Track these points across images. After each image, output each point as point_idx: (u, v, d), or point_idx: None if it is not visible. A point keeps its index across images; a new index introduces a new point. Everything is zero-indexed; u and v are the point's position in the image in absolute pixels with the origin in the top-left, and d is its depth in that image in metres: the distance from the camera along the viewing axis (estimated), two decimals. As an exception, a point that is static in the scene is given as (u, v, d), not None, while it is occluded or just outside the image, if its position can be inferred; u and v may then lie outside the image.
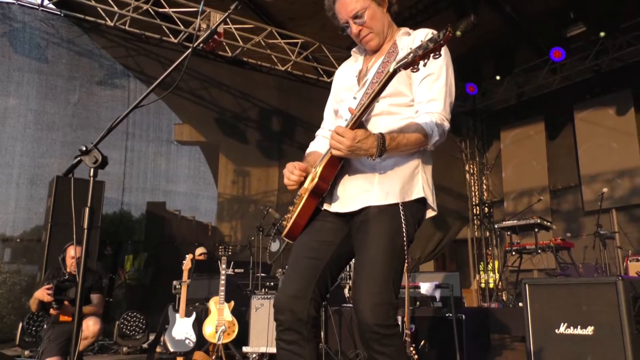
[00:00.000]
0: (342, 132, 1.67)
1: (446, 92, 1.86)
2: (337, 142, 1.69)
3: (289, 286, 1.81)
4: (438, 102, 1.84)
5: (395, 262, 1.76)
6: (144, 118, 7.40)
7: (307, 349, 1.76)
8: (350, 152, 1.69)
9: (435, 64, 1.86)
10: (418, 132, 1.77)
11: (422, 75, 1.86)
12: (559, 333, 3.55)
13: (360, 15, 1.93)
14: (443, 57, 1.86)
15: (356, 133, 1.67)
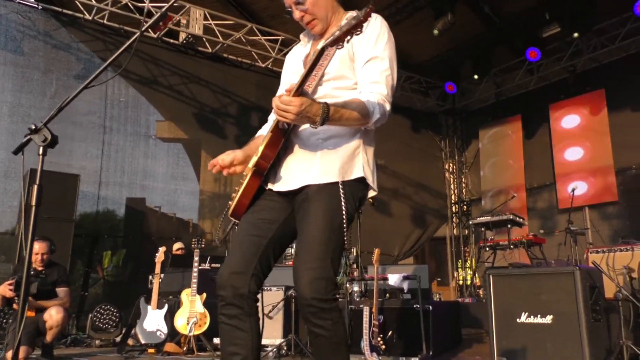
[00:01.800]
0: (288, 100, 1.70)
1: (388, 75, 1.90)
2: (283, 110, 1.70)
3: (231, 262, 1.86)
4: (380, 85, 1.88)
5: (334, 239, 1.81)
6: (122, 112, 7.38)
7: (248, 323, 1.81)
8: (299, 118, 1.71)
9: (379, 48, 1.91)
10: (360, 108, 1.80)
11: (365, 58, 1.90)
12: (520, 322, 3.65)
13: (302, 2, 1.97)
14: (386, 42, 1.92)
15: (302, 99, 1.70)
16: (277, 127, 1.86)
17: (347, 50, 1.92)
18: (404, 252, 10.28)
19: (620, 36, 8.10)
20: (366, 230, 9.53)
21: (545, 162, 9.44)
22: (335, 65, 1.92)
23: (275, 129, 1.86)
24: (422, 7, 8.22)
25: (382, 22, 1.98)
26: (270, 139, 1.86)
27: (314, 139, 1.91)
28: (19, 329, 1.67)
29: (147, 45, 7.81)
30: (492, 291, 3.83)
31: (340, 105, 1.78)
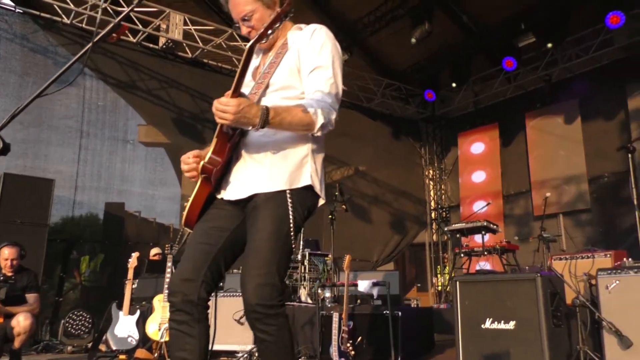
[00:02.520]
0: (226, 101, 1.72)
1: (332, 83, 1.94)
2: (221, 111, 1.73)
3: (182, 270, 1.90)
4: (324, 93, 1.91)
5: (280, 247, 1.85)
6: (100, 117, 7.36)
7: (197, 329, 1.84)
8: (236, 119, 1.73)
9: (323, 57, 1.95)
10: (303, 113, 1.82)
11: (310, 67, 1.95)
12: (485, 328, 3.72)
13: (248, 18, 2.01)
14: (330, 50, 1.97)
15: (240, 100, 1.72)
16: (222, 132, 1.88)
17: (295, 60, 1.97)
18: (383, 258, 10.36)
19: (593, 47, 8.29)
20: (345, 236, 9.62)
21: (522, 169, 9.59)
22: (281, 75, 1.97)
23: (219, 133, 1.89)
24: (401, 17, 8.34)
25: (326, 32, 2.03)
26: (216, 144, 1.89)
27: (263, 148, 1.94)
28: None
29: (126, 50, 7.81)
30: (458, 297, 3.90)
31: (282, 110, 1.81)
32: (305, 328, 4.65)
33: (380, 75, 10.34)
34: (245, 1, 2.00)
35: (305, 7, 8.84)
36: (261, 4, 2.00)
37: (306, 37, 1.99)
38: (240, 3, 2.00)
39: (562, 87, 9.02)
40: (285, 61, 1.99)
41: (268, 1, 2.01)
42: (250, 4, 2.00)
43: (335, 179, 10.10)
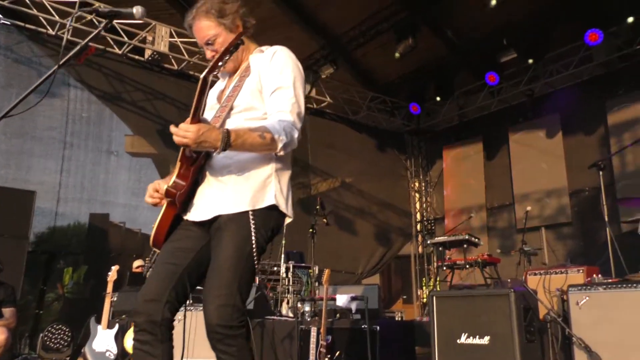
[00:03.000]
0: (186, 127, 1.77)
1: (294, 103, 2.00)
2: (182, 136, 1.78)
3: (147, 290, 1.93)
4: (286, 112, 1.97)
5: (242, 268, 1.88)
6: (83, 128, 7.35)
7: (160, 349, 1.88)
8: (197, 144, 1.78)
9: (284, 77, 2.02)
10: (265, 133, 1.87)
11: (271, 88, 2.01)
12: (460, 343, 3.76)
13: (212, 42, 2.08)
14: (292, 71, 2.03)
15: (199, 125, 1.77)
16: (185, 156, 1.93)
17: (256, 82, 2.02)
18: (368, 270, 10.38)
19: (573, 63, 8.44)
20: (330, 248, 9.66)
21: (505, 182, 9.70)
22: (244, 97, 2.02)
23: (182, 157, 1.93)
24: (385, 30, 8.44)
25: (287, 53, 2.09)
26: (180, 168, 1.93)
27: (226, 169, 1.98)
28: None
29: (111, 62, 7.82)
30: (435, 312, 3.94)
31: (243, 132, 1.84)
32: (285, 342, 4.66)
33: (366, 88, 10.44)
34: (207, 26, 2.06)
35: (291, 22, 8.93)
36: (224, 28, 2.06)
37: (267, 59, 2.05)
38: (203, 28, 2.06)
39: (543, 101, 9.16)
40: (247, 84, 2.04)
41: (230, 25, 2.07)
42: (213, 29, 2.06)
43: (322, 190, 10.14)
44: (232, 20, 2.09)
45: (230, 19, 2.09)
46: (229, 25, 2.08)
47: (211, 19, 2.07)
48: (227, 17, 2.08)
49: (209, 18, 2.07)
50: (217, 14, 2.07)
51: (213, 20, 2.07)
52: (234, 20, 2.10)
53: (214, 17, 2.07)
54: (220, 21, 2.07)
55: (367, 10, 8.55)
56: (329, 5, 8.66)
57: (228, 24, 2.08)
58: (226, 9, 2.09)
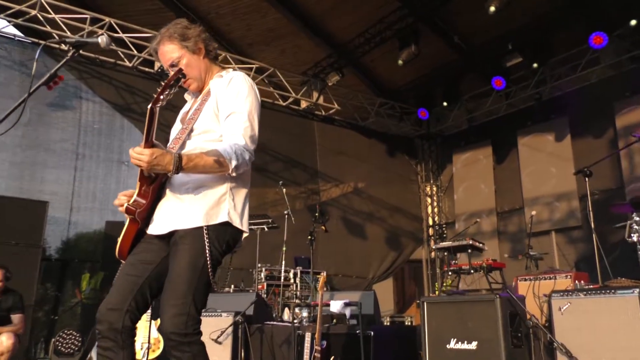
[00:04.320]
0: (140, 151, 1.92)
1: (247, 127, 2.12)
2: (137, 159, 1.92)
3: (109, 300, 2.07)
4: (238, 136, 2.09)
5: (196, 279, 2.00)
6: (95, 139, 7.59)
7: (121, 355, 2.01)
8: (150, 167, 1.92)
9: (238, 103, 2.14)
10: (217, 156, 2.00)
11: (226, 113, 2.14)
12: (450, 348, 3.81)
13: (176, 64, 2.22)
14: (246, 96, 2.15)
15: (153, 150, 1.91)
16: (144, 176, 2.07)
17: (214, 106, 2.14)
18: (379, 274, 10.43)
19: (580, 66, 8.38)
20: (341, 254, 9.75)
21: (515, 186, 9.65)
22: (203, 121, 2.15)
23: (141, 177, 2.07)
24: (390, 38, 8.51)
25: (243, 78, 2.22)
26: (140, 187, 2.08)
27: (184, 187, 2.11)
28: None
29: (122, 74, 8.07)
30: (425, 317, 4.00)
31: (195, 156, 1.98)
32: (283, 347, 4.76)
33: (374, 94, 10.52)
34: (171, 49, 2.20)
35: (298, 31, 9.07)
36: (186, 51, 2.19)
37: (224, 84, 2.17)
38: (167, 51, 2.21)
39: (552, 105, 9.11)
40: (206, 108, 2.17)
41: (193, 47, 2.20)
42: (176, 52, 2.20)
43: (331, 197, 10.24)
44: (194, 43, 2.23)
45: (192, 42, 2.23)
46: (191, 47, 2.21)
47: (174, 42, 2.21)
48: (190, 40, 2.22)
49: (172, 42, 2.21)
50: (179, 38, 2.21)
51: (176, 43, 2.21)
52: (197, 43, 2.24)
53: (177, 40, 2.21)
54: (183, 44, 2.21)
55: (373, 17, 8.64)
56: (335, 13, 8.77)
57: (191, 47, 2.22)
58: (188, 34, 2.23)
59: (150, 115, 1.93)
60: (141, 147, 1.93)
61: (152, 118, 1.94)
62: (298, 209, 9.70)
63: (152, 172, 2.01)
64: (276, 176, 8.96)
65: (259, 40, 9.51)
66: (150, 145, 1.94)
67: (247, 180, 2.23)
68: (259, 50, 9.69)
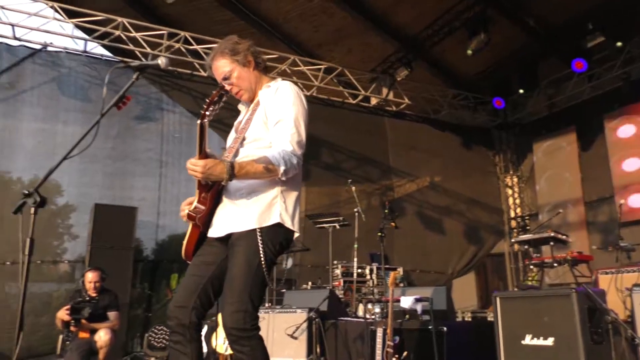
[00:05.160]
0: (194, 162, 2.09)
1: (293, 133, 2.23)
2: (192, 170, 2.10)
3: (177, 298, 2.25)
4: (286, 142, 2.22)
5: (252, 278, 2.13)
6: (176, 147, 8.09)
7: (189, 348, 2.18)
8: (205, 176, 2.09)
9: (284, 111, 2.26)
10: (266, 162, 2.14)
11: (274, 121, 2.27)
12: (525, 344, 3.70)
13: (228, 77, 2.37)
14: (292, 104, 2.26)
15: (206, 161, 2.07)
16: (201, 184, 2.23)
17: (262, 116, 2.26)
18: (459, 269, 10.21)
19: (672, 40, 7.73)
20: (418, 249, 9.67)
21: (604, 174, 9.06)
22: (254, 130, 2.28)
23: (199, 185, 2.24)
24: (458, 28, 8.31)
25: (289, 87, 2.33)
26: (199, 194, 2.25)
27: (238, 192, 2.26)
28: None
29: (198, 84, 8.51)
30: (499, 313, 3.91)
31: (246, 163, 2.12)
32: (357, 343, 4.83)
33: (446, 85, 10.30)
34: (223, 64, 2.36)
35: (366, 29, 9.08)
36: (237, 64, 2.35)
37: (271, 94, 2.30)
38: (220, 66, 2.38)
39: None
40: (256, 117, 2.31)
41: (243, 61, 2.35)
42: (227, 66, 2.36)
43: (405, 192, 10.16)
44: (244, 57, 2.38)
45: (242, 55, 2.38)
46: (241, 61, 2.36)
47: (226, 57, 2.37)
48: (240, 55, 2.37)
49: (224, 56, 2.38)
50: (230, 53, 2.37)
51: (228, 58, 2.37)
52: (246, 57, 2.38)
53: (228, 55, 2.37)
54: (233, 58, 2.37)
55: (439, 8, 8.48)
56: (400, 8, 8.69)
57: (241, 60, 2.37)
58: (238, 48, 2.38)
59: (200, 129, 2.09)
60: (196, 158, 2.09)
61: (202, 132, 2.10)
62: (374, 205, 9.73)
63: (208, 181, 2.16)
64: (349, 174, 9.03)
65: (326, 41, 9.63)
66: (205, 156, 2.10)
67: (297, 183, 2.35)
68: (328, 51, 9.81)
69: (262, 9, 8.92)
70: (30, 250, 2.11)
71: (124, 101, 2.37)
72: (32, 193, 2.12)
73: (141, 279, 8.18)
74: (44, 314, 6.85)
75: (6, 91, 7.18)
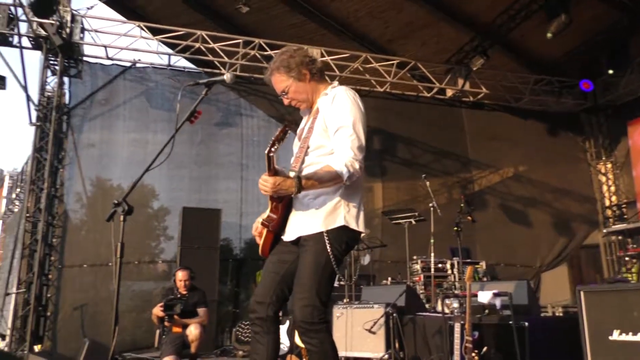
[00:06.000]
0: (265, 179, 2.26)
1: (353, 138, 2.33)
2: (263, 187, 2.27)
3: (256, 293, 2.46)
4: (347, 148, 2.31)
5: (319, 275, 2.29)
6: (256, 150, 8.46)
7: (266, 339, 2.38)
8: (275, 192, 2.25)
9: (343, 117, 2.35)
10: (330, 171, 2.28)
11: (334, 129, 2.37)
12: (613, 340, 3.52)
13: (286, 92, 2.52)
14: (349, 110, 2.34)
15: (275, 178, 2.23)
16: (272, 197, 2.40)
17: (322, 124, 2.37)
18: (548, 262, 9.76)
19: None
20: (502, 242, 9.37)
21: None
22: (315, 138, 2.43)
23: (271, 197, 2.41)
24: (535, 12, 7.94)
25: (345, 92, 2.43)
26: (271, 205, 2.44)
27: (306, 199, 2.42)
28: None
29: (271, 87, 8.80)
30: (583, 307, 3.74)
31: (311, 175, 2.27)
32: (436, 338, 4.80)
33: (527, 71, 9.87)
34: (280, 80, 2.52)
35: (438, 20, 8.93)
36: (293, 80, 2.48)
37: (329, 102, 2.43)
38: (277, 82, 2.53)
39: None
40: (317, 125, 2.44)
41: (299, 76, 2.48)
42: (284, 82, 2.50)
43: (486, 185, 9.87)
44: (298, 72, 2.49)
45: (296, 70, 2.48)
46: (296, 76, 2.48)
47: (281, 73, 2.50)
48: (294, 70, 2.48)
49: (280, 73, 2.51)
50: (285, 70, 2.49)
51: (283, 74, 2.50)
52: (300, 71, 2.49)
53: (283, 72, 2.50)
54: (289, 74, 2.49)
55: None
56: (472, -5, 8.47)
57: (296, 75, 2.49)
58: (292, 63, 2.48)
59: (268, 159, 2.25)
60: (266, 174, 2.27)
61: (269, 160, 2.25)
62: (455, 199, 9.53)
63: (279, 195, 2.34)
64: (426, 168, 8.94)
65: (398, 36, 9.57)
66: (274, 173, 2.26)
67: (359, 186, 2.46)
68: (400, 45, 9.74)
69: (332, 9, 9.04)
70: (122, 253, 2.37)
71: (196, 115, 2.59)
72: (120, 203, 2.37)
73: (230, 277, 8.61)
74: (146, 310, 7.43)
75: (102, 107, 7.89)
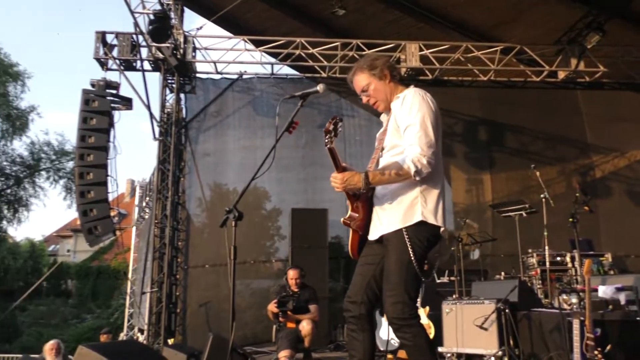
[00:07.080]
0: (335, 175, 2.41)
1: (421, 135, 2.38)
2: (334, 183, 2.41)
3: (348, 294, 2.55)
4: (415, 145, 2.38)
5: (405, 272, 2.35)
6: (358, 150, 8.58)
7: (361, 336, 2.48)
8: (345, 188, 2.40)
9: (412, 116, 2.41)
10: (397, 167, 2.36)
11: (403, 127, 2.44)
12: None
13: (366, 90, 2.61)
14: (417, 109, 2.41)
15: (343, 174, 2.38)
16: (348, 194, 2.51)
17: (394, 125, 2.46)
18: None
19: None
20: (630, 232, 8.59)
21: None
22: (389, 139, 2.53)
23: (348, 196, 2.53)
24: None
25: (414, 93, 2.49)
26: (351, 204, 2.54)
27: (384, 198, 2.50)
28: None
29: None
30: None
31: (379, 170, 2.38)
32: (553, 334, 4.56)
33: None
34: (362, 78, 2.63)
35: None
36: (374, 78, 2.59)
37: (399, 104, 2.51)
38: (359, 80, 2.64)
39: None
40: (390, 126, 2.54)
41: (380, 74, 2.59)
42: (365, 80, 2.61)
43: (609, 170, 9.11)
44: (380, 71, 2.61)
45: (379, 70, 2.61)
46: (378, 74, 2.60)
47: (365, 72, 2.63)
48: (377, 69, 2.61)
49: (362, 72, 2.64)
50: (368, 68, 2.63)
51: (366, 72, 2.63)
52: (382, 71, 2.61)
53: (367, 70, 2.63)
54: (371, 73, 2.62)
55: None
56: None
57: (377, 74, 2.61)
58: (376, 63, 2.63)
59: (330, 151, 2.42)
60: (335, 172, 2.43)
61: (332, 153, 2.42)
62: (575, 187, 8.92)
63: (348, 191, 2.46)
64: (538, 156, 8.49)
65: (503, 20, 9.16)
66: (342, 170, 2.42)
67: (437, 181, 2.49)
68: (506, 29, 9.32)
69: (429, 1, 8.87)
70: (235, 255, 2.58)
71: (294, 126, 2.76)
72: (231, 210, 2.59)
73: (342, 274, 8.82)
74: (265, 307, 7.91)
75: (214, 118, 8.51)
